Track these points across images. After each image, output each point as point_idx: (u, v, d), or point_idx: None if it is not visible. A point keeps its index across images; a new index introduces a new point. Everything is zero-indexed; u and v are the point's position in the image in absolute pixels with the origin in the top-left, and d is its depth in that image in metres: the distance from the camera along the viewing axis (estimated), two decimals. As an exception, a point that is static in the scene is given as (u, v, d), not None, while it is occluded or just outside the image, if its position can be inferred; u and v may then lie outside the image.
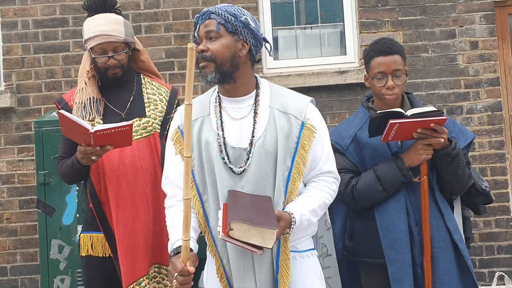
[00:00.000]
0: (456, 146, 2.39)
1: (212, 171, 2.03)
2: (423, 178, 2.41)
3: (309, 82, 4.33)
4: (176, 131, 2.13)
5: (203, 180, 2.05)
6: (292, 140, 2.04)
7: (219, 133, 2.05)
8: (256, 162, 2.00)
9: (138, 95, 2.69)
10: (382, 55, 2.48)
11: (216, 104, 2.12)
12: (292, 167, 2.02)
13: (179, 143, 2.10)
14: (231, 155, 2.02)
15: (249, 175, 2.00)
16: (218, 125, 2.07)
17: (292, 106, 2.09)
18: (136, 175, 2.56)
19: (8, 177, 4.37)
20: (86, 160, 2.44)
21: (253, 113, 2.08)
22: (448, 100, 4.39)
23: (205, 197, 2.05)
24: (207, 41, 2.04)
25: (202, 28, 2.05)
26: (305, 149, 2.05)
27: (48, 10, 4.46)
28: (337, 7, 4.67)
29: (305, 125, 2.06)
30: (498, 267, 4.31)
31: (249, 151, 2.02)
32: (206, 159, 2.04)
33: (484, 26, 4.42)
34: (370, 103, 2.64)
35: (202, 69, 2.05)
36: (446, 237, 2.45)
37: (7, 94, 4.33)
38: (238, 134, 2.05)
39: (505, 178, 4.37)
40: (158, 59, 4.37)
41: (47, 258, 3.39)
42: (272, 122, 2.05)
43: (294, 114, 2.06)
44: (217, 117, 2.09)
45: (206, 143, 2.05)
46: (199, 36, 2.07)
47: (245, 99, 2.11)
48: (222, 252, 2.02)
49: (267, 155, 2.01)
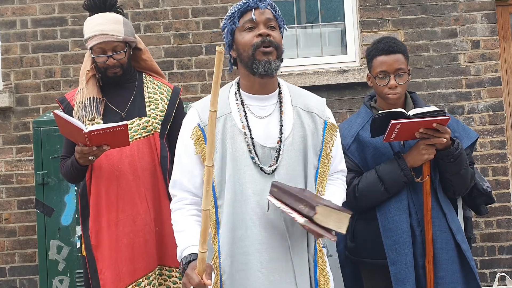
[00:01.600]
0: (459, 146, 2.38)
1: (236, 173, 1.93)
2: (425, 178, 2.40)
3: (310, 81, 4.32)
4: (196, 129, 1.99)
5: (221, 184, 1.94)
6: (318, 138, 2.04)
7: (246, 132, 1.97)
8: (286, 161, 1.96)
9: (139, 94, 2.69)
10: (385, 54, 2.46)
11: (238, 102, 2.03)
12: (319, 165, 2.03)
13: (200, 142, 1.98)
14: (260, 154, 1.96)
15: (281, 173, 1.94)
16: (244, 124, 1.98)
17: (314, 105, 2.10)
18: (135, 175, 2.55)
19: (7, 177, 4.35)
20: (84, 160, 2.44)
21: (278, 111, 2.04)
22: (449, 99, 4.37)
23: (220, 202, 1.94)
24: (266, 28, 1.97)
25: (260, 14, 1.98)
26: (330, 147, 2.06)
27: (46, 9, 4.44)
28: (337, 6, 4.66)
29: (328, 124, 2.08)
30: (499, 268, 4.29)
31: (279, 149, 1.97)
32: (230, 160, 1.94)
33: (485, 25, 4.40)
34: (372, 102, 2.62)
35: (265, 55, 1.94)
36: (449, 237, 2.43)
37: (5, 94, 4.31)
38: (265, 132, 1.99)
39: (506, 178, 4.35)
40: (157, 58, 4.35)
41: (46, 258, 3.37)
42: (298, 120, 2.03)
43: (317, 113, 2.08)
44: (241, 115, 2.00)
45: (232, 143, 1.95)
46: (257, 20, 1.97)
47: (269, 97, 2.05)
48: (223, 266, 1.90)
49: (296, 153, 1.98)
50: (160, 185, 2.60)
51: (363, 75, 4.28)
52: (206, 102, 2.03)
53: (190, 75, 4.41)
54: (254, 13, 1.98)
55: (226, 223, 1.91)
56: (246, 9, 1.99)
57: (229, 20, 2.03)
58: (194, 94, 4.38)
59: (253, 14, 1.97)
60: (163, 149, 2.63)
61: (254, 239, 1.89)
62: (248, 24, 1.98)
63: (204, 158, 1.92)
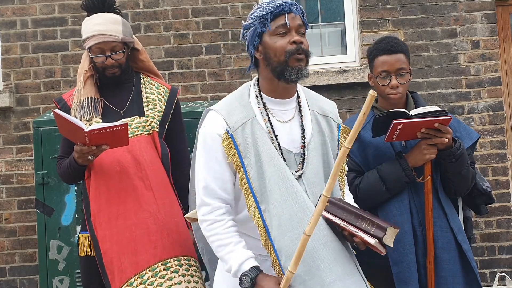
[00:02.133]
0: (460, 146, 2.38)
1: (278, 172, 1.90)
2: (427, 178, 2.39)
3: (310, 81, 4.31)
4: (226, 136, 1.93)
5: (261, 187, 1.91)
6: (335, 142, 2.08)
7: (273, 137, 1.96)
8: (311, 165, 1.97)
9: (137, 94, 2.69)
10: (386, 54, 2.46)
11: (260, 106, 2.01)
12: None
13: (230, 149, 1.92)
14: (287, 159, 1.95)
15: (308, 178, 1.95)
16: (269, 129, 1.97)
17: (328, 109, 2.13)
18: (138, 168, 2.55)
19: (7, 177, 4.34)
20: (83, 160, 2.44)
21: (298, 116, 2.04)
22: (449, 99, 4.37)
23: (264, 207, 1.90)
24: (297, 35, 1.96)
25: (292, 18, 1.95)
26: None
27: (47, 9, 4.44)
28: (337, 6, 4.66)
29: (341, 128, 2.13)
30: (499, 268, 4.29)
31: (303, 154, 1.98)
32: (268, 163, 1.91)
33: (485, 25, 4.40)
34: (374, 102, 2.62)
35: (298, 62, 1.93)
36: (450, 237, 2.43)
37: (5, 94, 4.31)
38: (289, 137, 1.99)
39: (506, 178, 4.35)
40: (158, 58, 4.35)
41: (46, 258, 3.36)
42: (316, 125, 2.05)
43: (332, 117, 2.11)
44: (265, 120, 1.98)
45: (265, 147, 1.93)
46: (290, 26, 1.94)
47: (289, 101, 2.04)
48: (285, 268, 1.83)
49: (318, 158, 2.00)
50: (166, 179, 2.61)
51: (363, 75, 4.28)
52: (229, 106, 2.01)
53: (190, 75, 4.41)
54: (288, 18, 1.94)
55: (279, 225, 1.87)
56: (279, 13, 1.95)
57: (259, 21, 1.97)
58: (194, 94, 4.38)
59: (287, 19, 1.94)
60: (163, 148, 2.64)
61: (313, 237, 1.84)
62: (281, 29, 1.95)
63: (237, 165, 1.92)
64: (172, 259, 2.51)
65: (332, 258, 1.87)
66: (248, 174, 1.91)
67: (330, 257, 1.86)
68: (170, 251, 2.52)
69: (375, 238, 1.79)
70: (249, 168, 1.91)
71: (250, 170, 1.91)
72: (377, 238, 1.80)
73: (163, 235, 2.52)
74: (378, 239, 1.79)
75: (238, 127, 1.94)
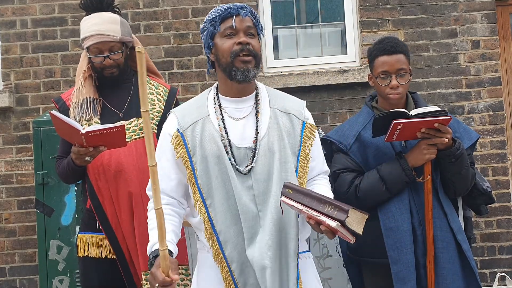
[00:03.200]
0: (460, 146, 2.38)
1: (222, 172, 1.98)
2: (426, 178, 2.39)
3: (310, 81, 4.32)
4: (176, 135, 2.03)
5: (208, 183, 1.99)
6: (296, 139, 2.06)
7: (223, 134, 2.01)
8: (262, 161, 2.00)
9: (136, 94, 2.68)
10: (386, 54, 2.46)
11: (215, 106, 2.08)
12: (298, 165, 2.05)
13: (180, 146, 2.02)
14: (237, 155, 2.00)
15: (257, 173, 1.99)
16: (220, 126, 2.03)
17: (292, 106, 2.13)
18: (133, 175, 2.54)
19: (7, 177, 4.34)
20: (80, 161, 2.43)
21: (254, 112, 2.07)
22: (449, 99, 4.37)
23: (209, 201, 1.98)
24: (246, 36, 2.01)
25: (240, 21, 2.01)
26: (308, 147, 2.08)
27: (46, 9, 4.44)
28: (337, 6, 4.66)
29: (306, 125, 2.10)
30: (499, 268, 4.29)
31: (254, 149, 2.01)
32: (213, 160, 1.98)
33: (485, 25, 4.40)
34: (374, 102, 2.62)
35: (245, 64, 1.99)
36: (450, 237, 2.43)
37: (5, 94, 4.31)
38: (241, 133, 2.03)
39: (506, 178, 4.35)
40: (157, 58, 4.35)
41: (46, 258, 3.37)
42: (274, 121, 2.06)
43: (295, 114, 2.10)
44: (218, 118, 2.05)
45: (212, 145, 2.00)
46: (237, 28, 2.00)
47: (246, 99, 2.09)
48: (231, 257, 1.94)
49: (271, 153, 2.01)
50: None
51: (363, 75, 4.28)
52: (186, 108, 2.11)
53: (190, 75, 4.41)
54: (235, 20, 2.01)
55: (224, 219, 1.96)
56: (227, 15, 2.02)
57: (209, 23, 2.06)
58: (194, 94, 4.36)
59: (234, 22, 2.01)
60: None
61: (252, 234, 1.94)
62: (228, 31, 2.01)
63: (185, 162, 2.00)
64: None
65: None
66: (196, 171, 1.99)
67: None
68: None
69: (336, 221, 1.76)
70: (196, 165, 1.99)
71: (198, 167, 1.99)
72: (339, 221, 1.76)
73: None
74: (341, 222, 1.76)
75: (189, 126, 2.03)
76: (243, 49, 1.99)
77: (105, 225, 2.55)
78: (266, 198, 1.97)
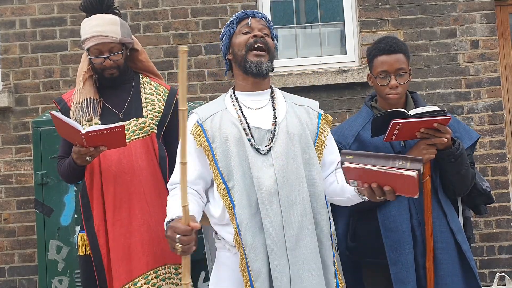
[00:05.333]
0: (459, 146, 2.37)
1: (240, 153, 2.04)
2: (426, 178, 2.39)
3: (309, 81, 4.31)
4: (195, 126, 2.12)
5: (228, 166, 2.05)
6: (313, 126, 2.18)
7: (242, 119, 2.11)
8: (281, 141, 2.07)
9: (136, 95, 2.69)
10: (386, 54, 2.45)
11: (232, 100, 2.19)
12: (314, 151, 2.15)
13: (200, 136, 2.10)
14: (256, 136, 2.07)
15: (277, 153, 2.05)
16: (239, 114, 2.13)
17: (307, 102, 2.27)
18: (133, 175, 2.56)
19: (6, 177, 4.34)
20: (81, 161, 2.44)
21: (271, 103, 2.19)
22: (448, 99, 4.37)
23: (231, 184, 2.03)
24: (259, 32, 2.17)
25: (256, 21, 2.19)
26: (324, 136, 2.19)
27: (46, 9, 4.44)
28: (337, 6, 4.65)
29: (322, 115, 2.24)
30: (498, 268, 4.29)
31: (273, 130, 2.09)
32: (233, 142, 2.05)
33: (484, 25, 4.40)
34: (373, 102, 2.62)
35: (257, 57, 2.13)
36: (449, 238, 2.43)
37: (4, 94, 4.30)
38: (259, 119, 2.13)
39: (506, 178, 4.35)
40: (157, 58, 4.35)
41: (45, 258, 3.36)
42: (291, 111, 2.18)
43: (310, 106, 2.24)
44: (235, 108, 2.15)
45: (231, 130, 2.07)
46: (252, 26, 2.17)
47: (262, 93, 2.21)
48: (245, 240, 1.97)
49: (290, 135, 2.09)
50: (161, 185, 2.60)
51: (362, 75, 4.28)
52: (204, 106, 2.23)
53: (189, 75, 4.41)
54: (251, 20, 2.18)
55: (240, 200, 2.00)
56: (244, 17, 2.20)
57: (227, 27, 2.23)
58: (194, 94, 4.38)
59: (250, 21, 2.18)
60: (161, 150, 2.64)
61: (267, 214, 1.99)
62: (245, 29, 2.18)
63: (206, 149, 2.07)
64: (161, 267, 2.57)
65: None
66: (216, 156, 2.06)
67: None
68: (160, 259, 2.57)
69: (415, 171, 1.74)
70: (216, 150, 2.06)
71: (217, 151, 2.06)
72: (417, 170, 1.74)
73: (154, 243, 2.56)
74: (418, 171, 1.74)
75: (208, 117, 2.13)
76: (256, 41, 2.13)
77: (88, 225, 2.57)
78: (286, 175, 2.02)
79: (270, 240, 1.96)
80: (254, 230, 1.97)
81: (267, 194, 1.99)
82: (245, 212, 1.98)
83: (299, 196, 2.02)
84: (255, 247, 1.95)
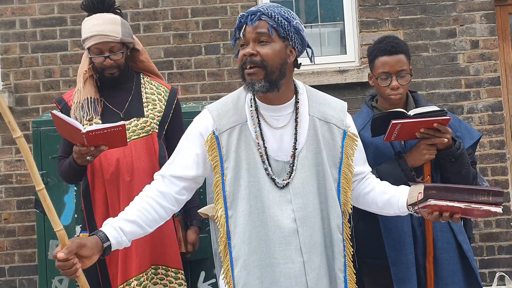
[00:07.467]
0: (460, 146, 2.36)
1: (252, 184, 1.88)
2: (426, 178, 2.38)
3: (309, 81, 4.31)
4: (211, 137, 1.92)
5: (234, 193, 1.88)
6: (337, 150, 1.98)
7: (259, 143, 1.91)
8: (300, 175, 1.91)
9: (137, 95, 2.69)
10: (387, 54, 2.43)
11: (252, 109, 1.95)
12: (340, 177, 1.97)
13: (213, 150, 1.92)
14: (274, 167, 1.91)
15: (295, 188, 1.90)
16: (257, 134, 1.92)
17: (332, 114, 2.02)
18: (132, 176, 2.55)
19: (6, 177, 4.34)
20: (82, 160, 2.43)
21: (293, 122, 1.95)
22: (448, 99, 4.37)
23: (231, 213, 1.88)
24: (255, 44, 1.86)
25: (250, 29, 1.86)
26: (350, 158, 2.00)
27: (46, 9, 4.44)
28: (337, 6, 4.66)
29: (347, 134, 2.01)
30: (498, 268, 4.30)
31: (292, 163, 1.92)
32: (246, 170, 1.89)
33: (484, 25, 4.40)
34: (373, 102, 2.61)
35: (249, 76, 1.85)
36: (450, 238, 2.42)
37: (5, 94, 4.30)
38: (279, 144, 1.93)
39: (505, 178, 4.36)
40: (157, 58, 4.35)
41: (45, 258, 3.36)
42: (313, 132, 1.96)
43: (335, 124, 2.00)
44: (255, 124, 1.93)
45: (247, 153, 1.90)
46: (246, 37, 1.87)
47: (284, 106, 1.96)
48: (238, 278, 1.85)
49: (310, 167, 1.92)
50: None
51: (362, 75, 4.28)
52: (222, 107, 1.99)
53: (189, 75, 4.41)
54: (245, 29, 1.88)
55: (241, 234, 1.86)
56: (239, 26, 1.91)
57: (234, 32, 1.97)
58: (194, 94, 4.38)
59: (242, 33, 1.89)
60: (162, 149, 2.64)
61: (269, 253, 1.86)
62: (241, 41, 1.90)
63: (216, 166, 1.91)
64: (151, 268, 2.59)
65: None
66: (225, 177, 1.90)
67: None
68: (151, 260, 2.58)
69: (500, 207, 1.76)
70: (227, 171, 1.89)
71: (228, 174, 1.89)
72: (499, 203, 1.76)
73: (146, 245, 2.55)
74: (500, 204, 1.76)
75: (226, 130, 1.93)
76: (245, 61, 1.86)
77: (90, 226, 2.57)
78: (306, 214, 1.88)
79: (289, 282, 1.84)
80: (250, 269, 1.85)
81: (285, 233, 1.85)
82: (244, 249, 1.85)
83: (319, 235, 1.90)
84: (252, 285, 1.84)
